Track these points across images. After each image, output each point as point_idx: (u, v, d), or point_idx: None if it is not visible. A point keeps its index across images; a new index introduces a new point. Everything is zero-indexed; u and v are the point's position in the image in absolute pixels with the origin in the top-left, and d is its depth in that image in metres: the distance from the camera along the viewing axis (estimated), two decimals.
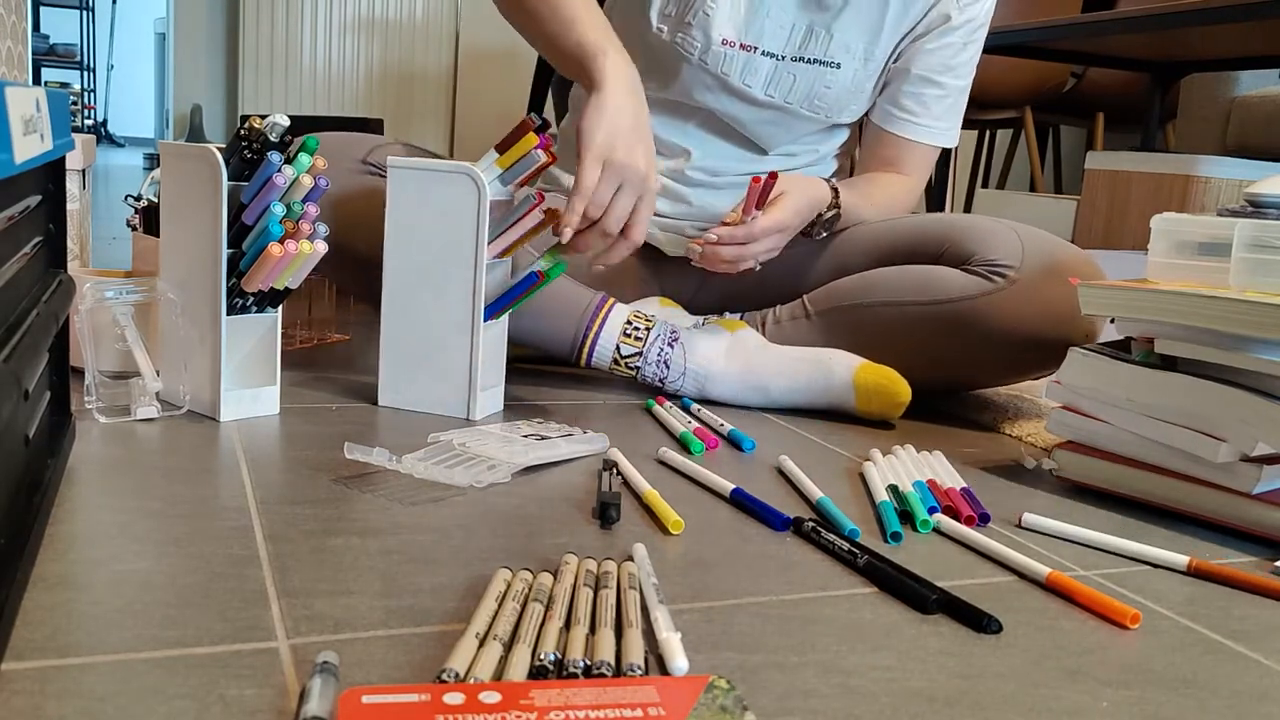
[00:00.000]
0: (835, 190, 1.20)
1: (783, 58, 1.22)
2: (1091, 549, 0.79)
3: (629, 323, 1.13)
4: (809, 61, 1.23)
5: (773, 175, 1.09)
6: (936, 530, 0.80)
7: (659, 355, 1.13)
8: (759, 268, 1.15)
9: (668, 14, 1.23)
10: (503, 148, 1.00)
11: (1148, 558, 0.77)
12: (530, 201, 0.99)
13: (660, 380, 1.14)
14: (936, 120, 1.30)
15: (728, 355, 1.13)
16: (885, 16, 1.22)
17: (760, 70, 1.22)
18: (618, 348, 1.13)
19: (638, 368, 1.13)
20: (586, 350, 1.13)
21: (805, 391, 1.12)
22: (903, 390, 1.09)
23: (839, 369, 1.11)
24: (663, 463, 0.92)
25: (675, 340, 1.13)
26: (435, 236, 1.00)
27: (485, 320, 1.01)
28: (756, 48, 1.22)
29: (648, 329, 1.13)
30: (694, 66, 1.23)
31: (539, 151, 0.98)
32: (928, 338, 1.13)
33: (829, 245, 1.28)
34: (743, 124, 1.27)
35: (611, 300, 1.15)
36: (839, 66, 1.23)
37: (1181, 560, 0.76)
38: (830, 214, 1.20)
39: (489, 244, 0.99)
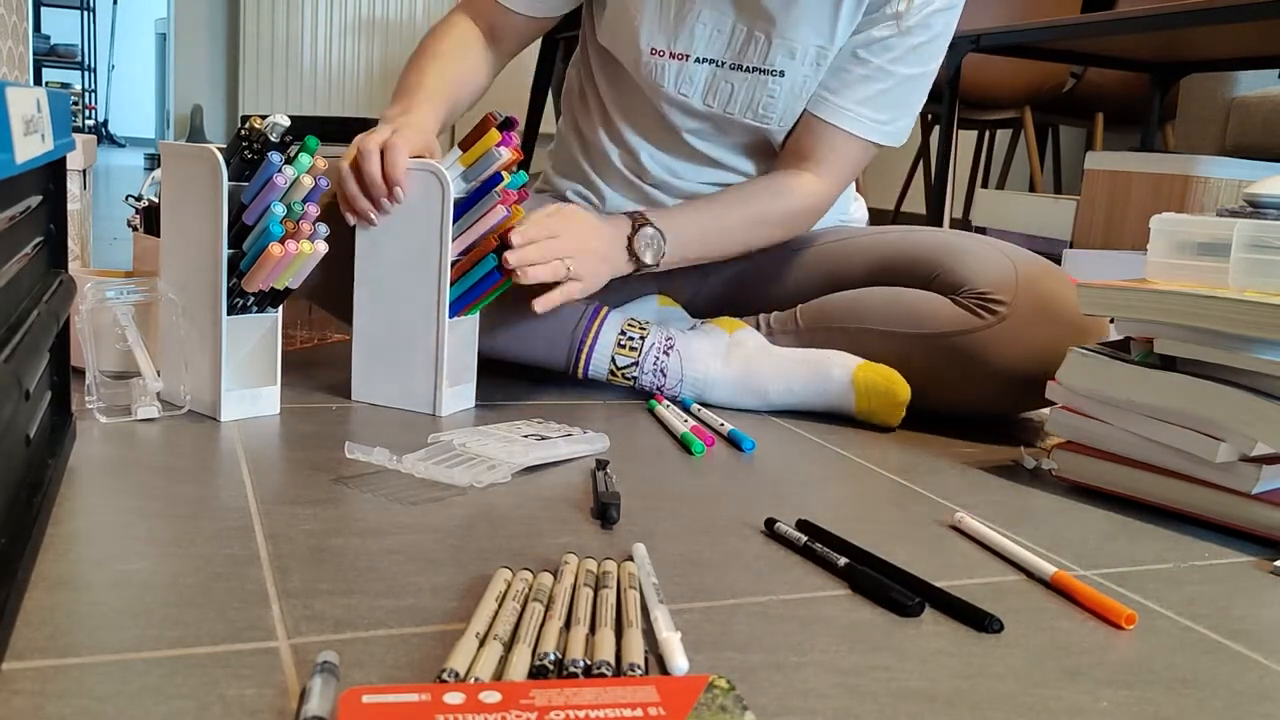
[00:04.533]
0: (639, 215, 1.11)
1: (721, 64, 1.17)
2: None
3: (623, 332, 1.13)
4: (747, 69, 1.17)
5: (489, 116, 1.01)
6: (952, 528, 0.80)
7: (655, 364, 1.12)
8: (568, 271, 1.02)
9: (609, 33, 1.21)
10: (466, 144, 1.01)
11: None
12: (494, 199, 0.99)
13: (658, 388, 1.14)
14: (858, 105, 1.17)
15: (725, 359, 1.13)
16: (839, 13, 1.14)
17: (696, 79, 1.17)
18: (613, 358, 1.13)
19: (634, 377, 1.13)
20: (582, 363, 1.13)
21: (803, 394, 1.11)
22: (901, 390, 1.08)
23: (837, 371, 1.10)
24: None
25: (671, 347, 1.13)
26: (401, 234, 1.00)
27: (451, 317, 1.01)
28: (689, 55, 1.16)
29: (642, 338, 1.13)
30: (639, 80, 1.19)
31: (501, 149, 0.99)
32: (915, 368, 1.10)
33: (820, 252, 1.26)
34: (679, 132, 1.22)
35: (605, 310, 1.14)
36: (782, 74, 1.16)
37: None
38: (641, 231, 1.09)
39: (453, 241, 1.00)
